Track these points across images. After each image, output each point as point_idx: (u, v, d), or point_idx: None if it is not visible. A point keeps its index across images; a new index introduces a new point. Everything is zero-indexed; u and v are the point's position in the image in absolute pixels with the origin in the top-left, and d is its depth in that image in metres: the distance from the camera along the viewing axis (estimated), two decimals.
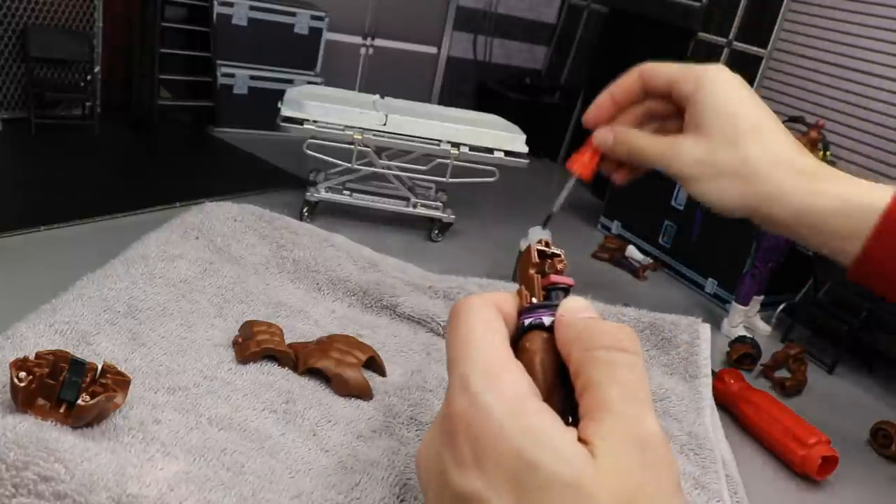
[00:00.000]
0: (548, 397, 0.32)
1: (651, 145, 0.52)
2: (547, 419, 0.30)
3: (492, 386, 0.31)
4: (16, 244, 2.73)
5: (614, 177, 0.56)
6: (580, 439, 0.29)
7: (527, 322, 0.35)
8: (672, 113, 0.54)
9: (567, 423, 0.31)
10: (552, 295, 0.36)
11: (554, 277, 0.36)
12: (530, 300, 0.36)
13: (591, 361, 0.32)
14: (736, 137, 0.49)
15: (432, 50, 5.57)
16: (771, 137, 0.50)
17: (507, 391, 0.31)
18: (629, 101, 0.54)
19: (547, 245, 0.38)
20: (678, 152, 0.50)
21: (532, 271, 0.37)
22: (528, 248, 0.38)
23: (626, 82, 0.54)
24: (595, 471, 0.28)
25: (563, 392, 0.33)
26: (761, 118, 0.50)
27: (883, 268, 0.47)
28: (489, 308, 0.35)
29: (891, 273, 0.47)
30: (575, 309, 0.34)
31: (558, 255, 0.37)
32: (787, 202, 0.48)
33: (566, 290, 0.36)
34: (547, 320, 0.35)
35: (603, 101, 0.54)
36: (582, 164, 0.52)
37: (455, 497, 0.30)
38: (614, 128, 0.53)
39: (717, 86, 0.50)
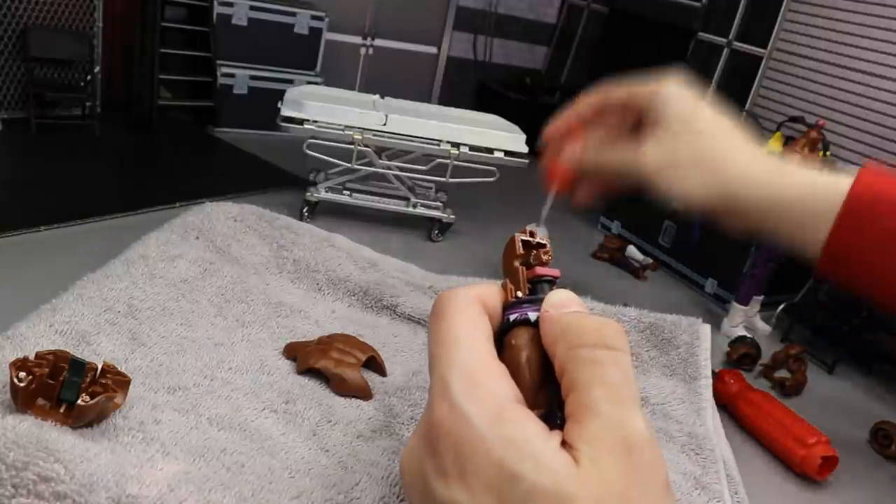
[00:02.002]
0: (534, 396, 0.32)
1: (616, 152, 0.53)
2: (529, 427, 0.29)
3: (472, 393, 0.30)
4: (16, 244, 2.73)
5: (578, 195, 0.57)
6: (565, 443, 0.29)
7: (511, 318, 0.34)
8: (629, 132, 0.55)
9: (556, 421, 0.31)
10: (538, 288, 0.35)
11: (539, 269, 0.35)
12: (515, 294, 0.35)
13: (575, 360, 0.31)
14: (697, 129, 0.50)
15: (432, 50, 5.56)
16: (731, 130, 0.51)
17: (487, 398, 0.30)
18: (590, 116, 0.56)
19: (532, 235, 0.36)
20: (641, 154, 0.51)
21: (517, 263, 0.35)
22: (513, 238, 0.36)
23: (586, 100, 0.55)
24: (579, 478, 0.27)
25: (550, 389, 0.32)
26: (719, 116, 0.51)
27: (849, 253, 0.46)
28: (472, 304, 0.33)
29: (856, 259, 0.46)
30: (559, 304, 0.33)
31: (544, 246, 0.36)
32: (753, 187, 0.49)
33: (552, 283, 0.35)
34: (532, 316, 0.33)
35: (565, 117, 0.56)
36: (560, 177, 0.55)
37: None
38: (582, 144, 0.54)
39: (673, 90, 0.51)
